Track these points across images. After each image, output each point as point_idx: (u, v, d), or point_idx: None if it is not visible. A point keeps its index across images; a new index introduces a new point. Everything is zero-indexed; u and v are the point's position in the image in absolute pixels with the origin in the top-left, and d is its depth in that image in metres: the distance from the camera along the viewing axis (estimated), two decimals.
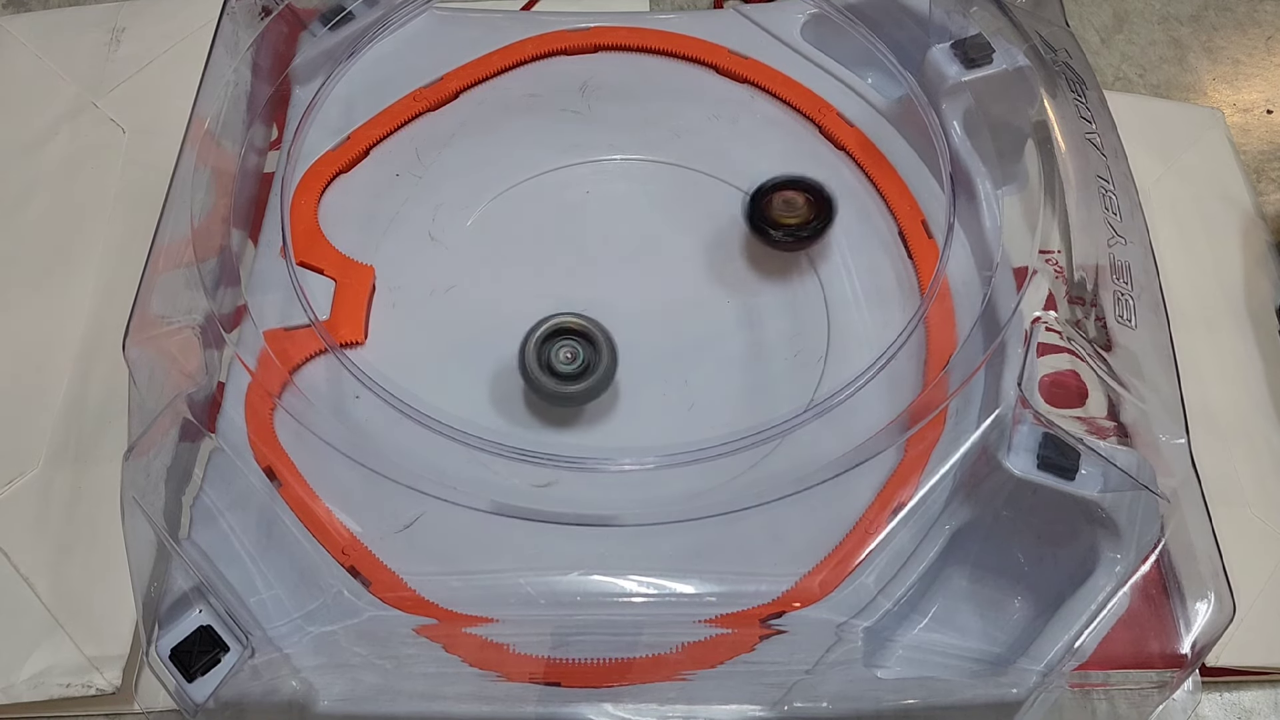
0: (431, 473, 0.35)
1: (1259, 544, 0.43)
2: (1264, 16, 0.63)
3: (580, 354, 0.36)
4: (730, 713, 0.33)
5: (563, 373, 0.36)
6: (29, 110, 0.53)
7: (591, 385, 0.36)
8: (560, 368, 0.36)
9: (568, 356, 0.36)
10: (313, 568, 0.34)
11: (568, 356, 0.36)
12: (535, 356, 0.36)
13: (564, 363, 0.36)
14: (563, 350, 0.36)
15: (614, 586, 0.34)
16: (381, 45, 0.46)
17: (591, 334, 0.36)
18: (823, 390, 0.39)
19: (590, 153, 0.45)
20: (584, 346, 0.36)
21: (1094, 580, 0.32)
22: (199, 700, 0.31)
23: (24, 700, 0.38)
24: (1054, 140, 0.40)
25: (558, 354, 0.36)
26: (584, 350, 0.36)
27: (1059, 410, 0.40)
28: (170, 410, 0.35)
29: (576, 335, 0.36)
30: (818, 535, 0.35)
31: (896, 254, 0.42)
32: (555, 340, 0.36)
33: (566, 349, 0.36)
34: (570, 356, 0.36)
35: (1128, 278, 0.38)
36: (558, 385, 0.36)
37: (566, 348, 0.36)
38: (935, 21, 0.44)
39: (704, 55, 0.47)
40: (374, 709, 0.32)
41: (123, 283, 0.46)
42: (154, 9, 0.56)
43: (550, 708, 0.33)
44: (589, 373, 0.36)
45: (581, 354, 0.36)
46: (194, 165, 0.39)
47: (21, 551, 0.41)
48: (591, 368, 0.36)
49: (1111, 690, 0.34)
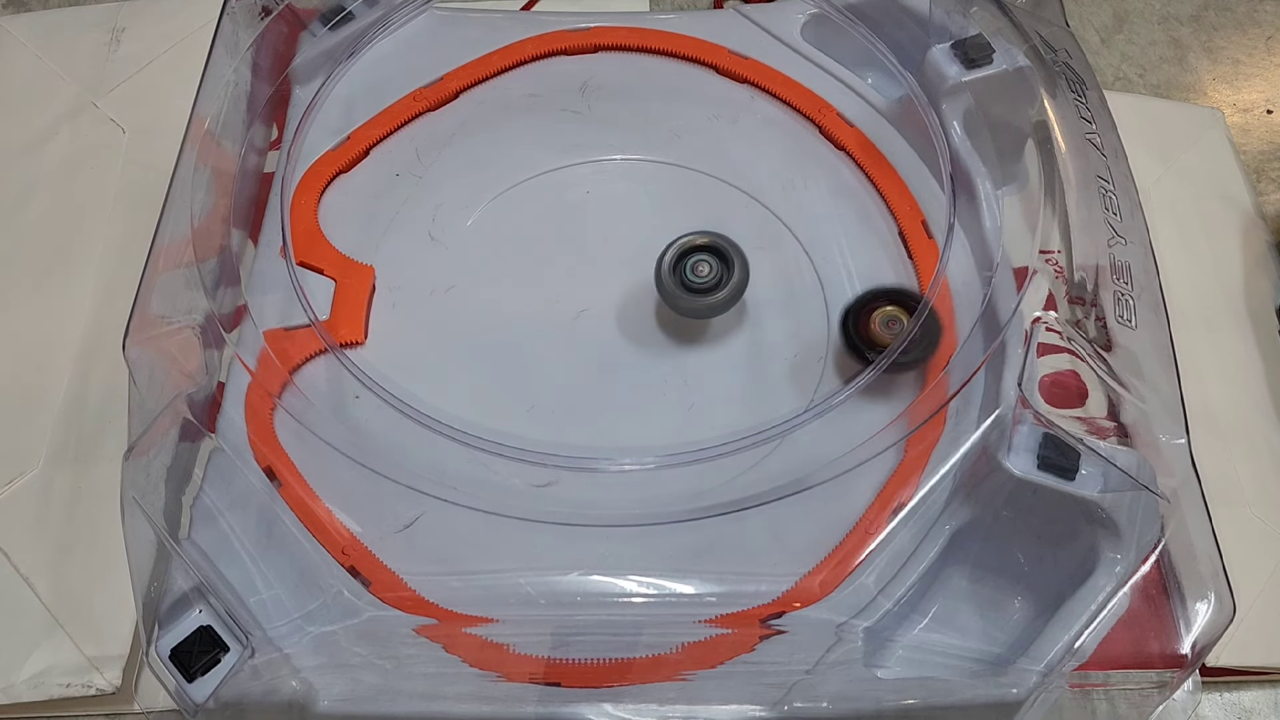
0: (431, 473, 0.35)
1: (1259, 544, 0.43)
2: (1264, 16, 0.63)
3: (713, 268, 0.38)
4: (730, 713, 0.33)
5: (697, 286, 0.38)
6: (29, 110, 0.53)
7: (725, 296, 0.37)
8: (694, 282, 0.38)
9: (704, 271, 0.38)
10: (313, 568, 0.34)
11: (704, 271, 0.38)
12: (670, 273, 0.38)
13: (699, 277, 0.38)
14: (699, 265, 0.38)
15: (614, 586, 0.34)
16: (381, 45, 0.46)
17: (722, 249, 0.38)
18: (823, 390, 0.39)
19: (590, 153, 0.45)
20: (716, 262, 0.38)
21: (1094, 580, 0.32)
22: (199, 700, 0.31)
23: (24, 700, 0.38)
24: (1054, 140, 0.40)
25: (694, 269, 0.38)
26: (716, 265, 0.38)
27: (1059, 410, 0.40)
28: (170, 410, 0.35)
29: (708, 251, 0.38)
30: (818, 535, 0.35)
31: (896, 254, 0.42)
32: (689, 257, 0.38)
33: (703, 264, 0.38)
34: (706, 271, 0.38)
35: (1128, 278, 0.38)
36: (694, 299, 0.38)
37: (702, 262, 0.38)
38: (935, 21, 0.44)
39: (704, 55, 0.47)
40: (374, 709, 0.32)
41: (123, 283, 0.46)
42: (154, 9, 0.56)
43: (550, 708, 0.33)
44: (721, 285, 0.38)
45: (714, 268, 0.38)
46: (194, 165, 0.39)
47: (21, 551, 0.41)
48: (723, 281, 0.38)
49: (1111, 690, 0.34)
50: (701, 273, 0.38)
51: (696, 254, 0.38)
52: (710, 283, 0.38)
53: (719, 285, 0.38)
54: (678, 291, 0.38)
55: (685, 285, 0.38)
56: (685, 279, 0.38)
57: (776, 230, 0.43)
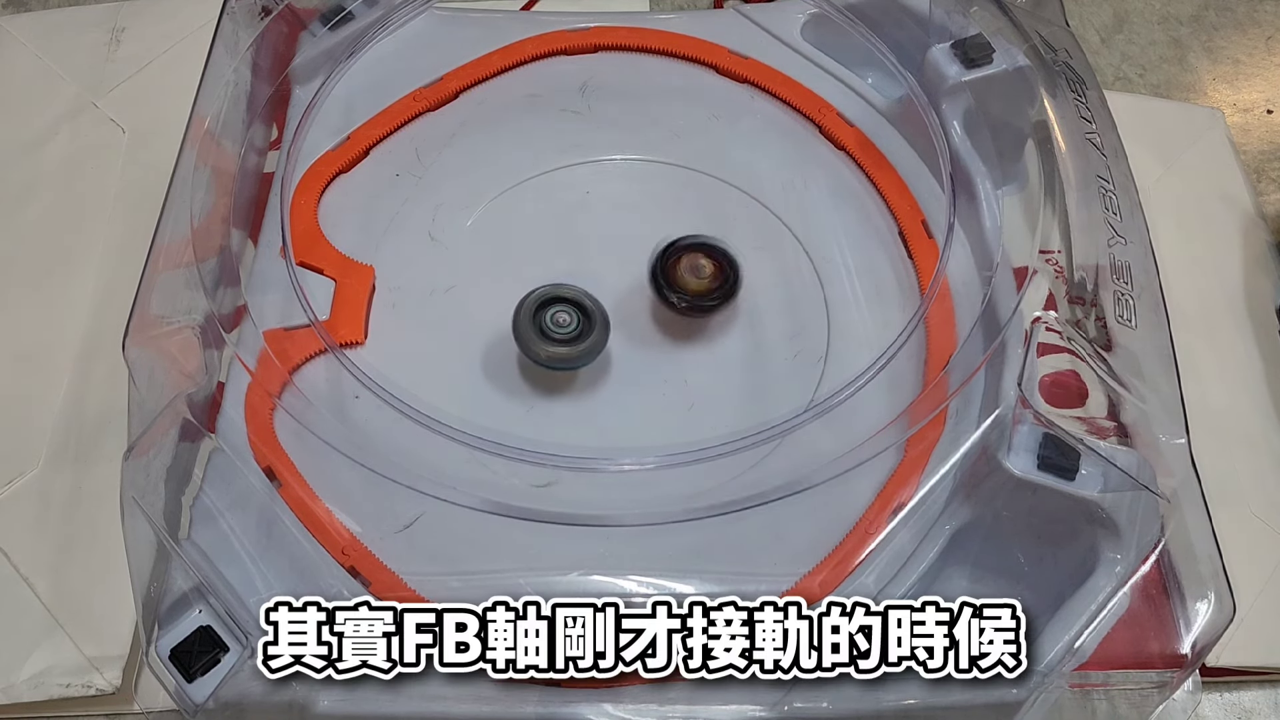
0: (431, 473, 0.35)
1: (1259, 544, 0.43)
2: (1264, 16, 0.63)
3: (574, 319, 0.37)
4: (730, 713, 0.33)
5: (557, 337, 0.37)
6: (29, 110, 0.53)
7: (586, 349, 0.37)
8: (555, 332, 0.37)
9: (563, 320, 0.37)
10: (313, 568, 0.34)
11: (563, 320, 0.37)
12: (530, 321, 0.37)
13: (558, 327, 0.37)
14: (558, 315, 0.37)
15: (614, 586, 0.34)
16: (381, 45, 0.46)
17: (582, 302, 0.38)
18: (823, 390, 0.39)
19: (590, 153, 0.45)
20: (576, 313, 0.37)
21: (1094, 580, 0.32)
22: (199, 700, 0.31)
23: (24, 700, 0.38)
24: (1054, 140, 0.40)
25: (553, 319, 0.37)
26: (577, 316, 0.37)
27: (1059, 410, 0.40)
28: (170, 410, 0.35)
29: (568, 303, 0.38)
30: (818, 535, 0.35)
31: (896, 254, 0.42)
32: (549, 307, 0.37)
33: (562, 313, 0.37)
34: (565, 321, 0.37)
35: (1128, 278, 0.38)
36: (553, 349, 0.37)
37: (562, 312, 0.37)
38: (935, 21, 0.44)
39: (704, 55, 0.47)
40: (374, 709, 0.32)
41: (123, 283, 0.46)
42: (154, 9, 0.56)
43: (550, 708, 0.33)
44: (582, 338, 0.37)
45: (575, 319, 0.37)
46: (194, 165, 0.39)
47: (21, 551, 0.41)
48: (584, 334, 0.37)
49: (1111, 690, 0.34)
50: (561, 322, 0.37)
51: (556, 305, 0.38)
52: (570, 334, 0.37)
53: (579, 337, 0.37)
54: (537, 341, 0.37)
55: (544, 334, 0.37)
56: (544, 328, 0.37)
57: (776, 230, 0.43)
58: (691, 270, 0.38)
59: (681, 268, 0.38)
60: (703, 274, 0.38)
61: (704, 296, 0.38)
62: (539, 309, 0.37)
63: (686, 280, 0.38)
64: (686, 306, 0.38)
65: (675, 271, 0.38)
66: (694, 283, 0.38)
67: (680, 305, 0.38)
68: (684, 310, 0.39)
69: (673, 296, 0.38)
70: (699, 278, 0.38)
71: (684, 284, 0.38)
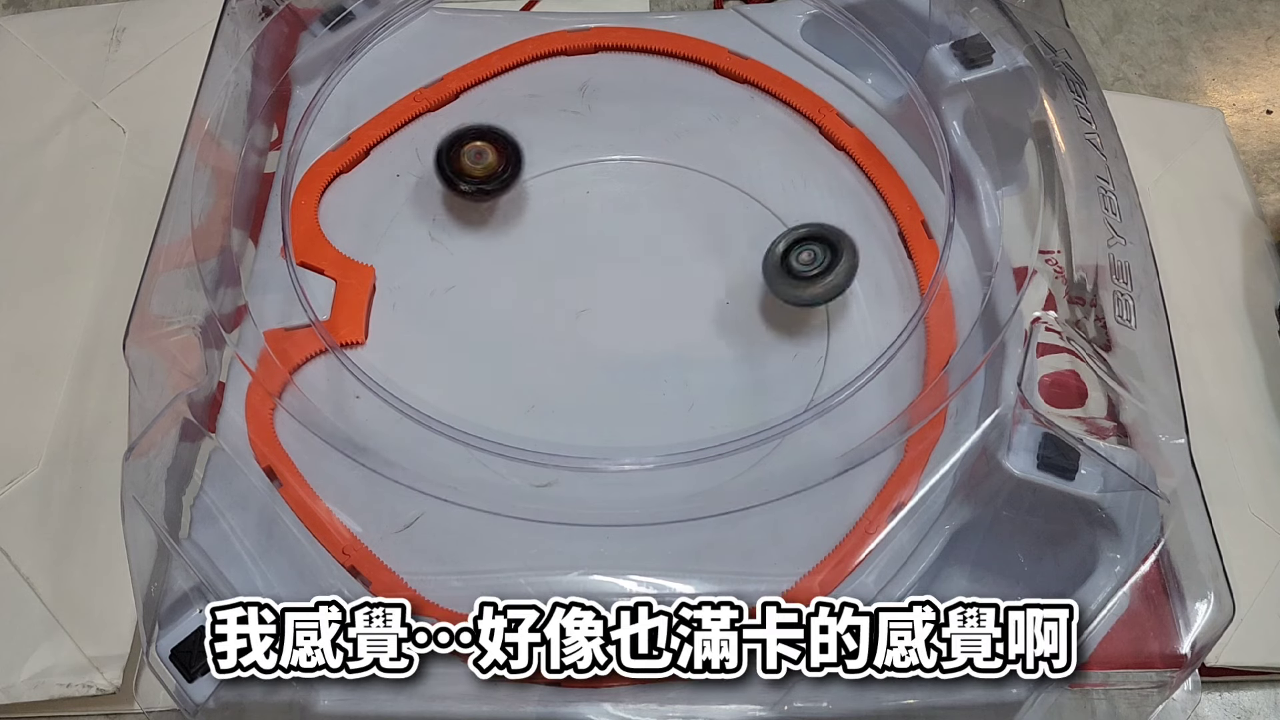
0: (431, 473, 0.35)
1: (1259, 544, 0.43)
2: (1264, 16, 0.63)
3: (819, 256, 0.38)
4: (730, 712, 0.33)
5: (802, 274, 0.38)
6: (29, 110, 0.53)
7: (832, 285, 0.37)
8: (800, 270, 0.38)
9: (807, 259, 0.38)
10: (313, 568, 0.34)
11: (807, 259, 0.38)
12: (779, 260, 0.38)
13: (804, 265, 0.38)
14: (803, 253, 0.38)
15: (614, 586, 0.34)
16: (382, 45, 0.46)
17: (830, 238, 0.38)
18: (823, 390, 0.39)
19: (590, 153, 0.45)
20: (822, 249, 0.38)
21: (1094, 580, 0.32)
22: (199, 700, 0.31)
23: (24, 700, 0.38)
24: (1054, 140, 0.40)
25: (798, 256, 0.38)
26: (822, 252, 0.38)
27: (1059, 410, 0.40)
28: (170, 410, 0.35)
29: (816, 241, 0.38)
30: (818, 535, 0.35)
31: (896, 254, 0.42)
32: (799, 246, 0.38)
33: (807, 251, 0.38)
34: (810, 259, 0.38)
35: (1128, 278, 0.38)
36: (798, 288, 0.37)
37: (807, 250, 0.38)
38: (935, 21, 0.44)
39: (704, 55, 0.47)
40: (374, 709, 0.32)
41: (123, 283, 0.46)
42: (154, 9, 0.56)
43: (550, 708, 0.33)
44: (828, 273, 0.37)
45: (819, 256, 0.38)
46: (194, 165, 0.39)
47: (21, 551, 0.41)
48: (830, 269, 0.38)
49: (1111, 690, 0.34)
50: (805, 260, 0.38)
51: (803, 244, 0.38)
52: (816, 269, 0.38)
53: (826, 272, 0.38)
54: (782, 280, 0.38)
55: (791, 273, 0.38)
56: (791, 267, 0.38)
57: (777, 230, 0.43)
58: (474, 157, 0.41)
59: (465, 155, 0.41)
60: (485, 160, 0.41)
61: (487, 180, 0.41)
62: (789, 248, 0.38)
63: (470, 167, 0.41)
64: (473, 191, 0.41)
65: (459, 159, 0.41)
66: (477, 169, 0.41)
67: (468, 191, 0.41)
68: (471, 195, 0.41)
69: (461, 183, 0.40)
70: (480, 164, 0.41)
71: (468, 170, 0.41)
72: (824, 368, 0.39)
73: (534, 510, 0.35)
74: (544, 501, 0.36)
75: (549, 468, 0.35)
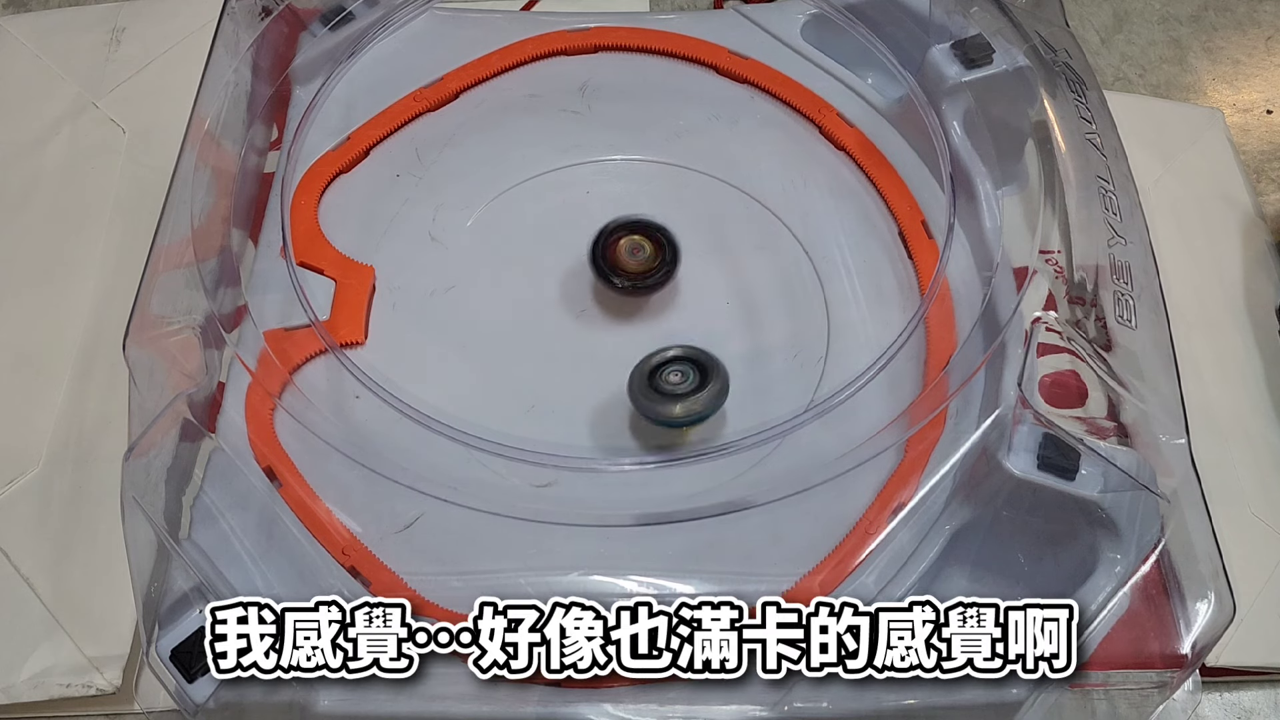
0: (431, 473, 0.35)
1: (1259, 544, 0.43)
2: (1264, 16, 0.63)
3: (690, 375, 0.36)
4: (730, 712, 0.33)
5: (670, 392, 0.36)
6: (29, 110, 0.53)
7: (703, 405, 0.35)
8: (667, 388, 0.36)
9: (676, 379, 0.36)
10: (313, 568, 0.34)
11: (676, 379, 0.36)
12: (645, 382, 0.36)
13: (672, 384, 0.36)
14: (671, 374, 0.36)
15: (614, 586, 0.34)
16: (382, 45, 0.46)
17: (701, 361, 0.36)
18: (823, 390, 0.39)
19: (590, 153, 0.45)
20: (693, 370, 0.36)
21: (1094, 580, 0.32)
22: (199, 700, 0.31)
23: (24, 700, 0.38)
24: (1054, 140, 0.40)
25: (667, 377, 0.36)
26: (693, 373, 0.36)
27: (1059, 410, 0.40)
28: (170, 410, 0.35)
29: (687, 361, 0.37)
30: (818, 535, 0.35)
31: (896, 254, 0.42)
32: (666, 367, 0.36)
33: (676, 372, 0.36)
34: (679, 379, 0.36)
35: (1128, 278, 0.38)
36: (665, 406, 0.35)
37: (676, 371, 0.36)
38: (935, 21, 0.44)
39: (704, 55, 0.47)
40: (374, 709, 0.32)
41: (123, 283, 0.46)
42: (154, 9, 0.56)
43: (550, 708, 0.33)
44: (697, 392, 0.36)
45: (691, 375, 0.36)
46: (194, 165, 0.39)
47: (21, 551, 0.41)
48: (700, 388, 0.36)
49: (1111, 690, 0.34)
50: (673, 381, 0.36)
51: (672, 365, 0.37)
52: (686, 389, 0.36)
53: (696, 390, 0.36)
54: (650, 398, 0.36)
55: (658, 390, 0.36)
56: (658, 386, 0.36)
57: (776, 230, 0.43)
58: (631, 251, 0.39)
59: (621, 249, 0.39)
60: (642, 254, 0.39)
61: (644, 276, 0.39)
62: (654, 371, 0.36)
63: (626, 261, 0.39)
64: (629, 288, 0.39)
65: (615, 253, 0.39)
66: (633, 264, 0.39)
67: (622, 286, 0.39)
68: (625, 291, 0.39)
69: (615, 279, 0.39)
70: (638, 258, 0.39)
71: (624, 265, 0.39)
72: (824, 368, 0.39)
73: (534, 510, 0.35)
74: (544, 501, 0.36)
75: (549, 468, 0.35)
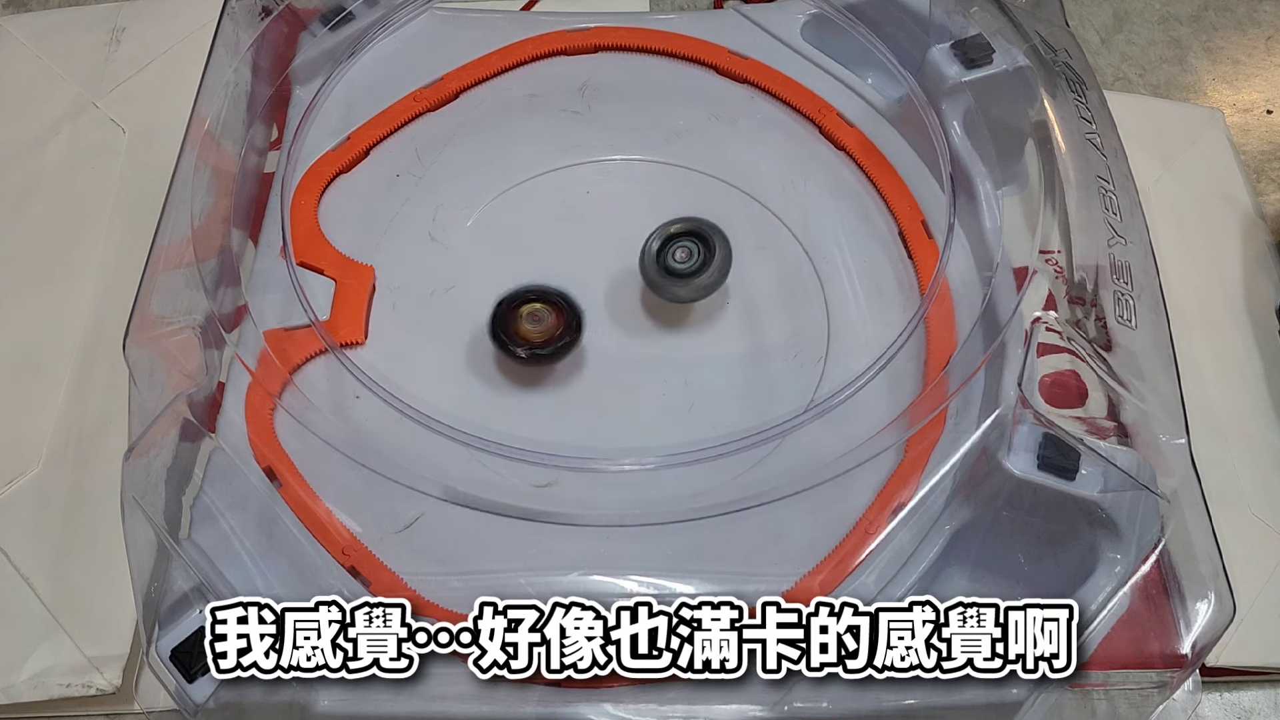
0: (431, 473, 0.35)
1: (1259, 544, 0.43)
2: (1264, 16, 0.63)
3: (694, 252, 0.38)
4: (730, 712, 0.33)
5: (679, 271, 0.38)
6: (29, 110, 0.53)
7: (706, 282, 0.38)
8: (676, 266, 0.38)
9: (683, 256, 0.38)
10: (313, 568, 0.34)
11: (683, 256, 0.38)
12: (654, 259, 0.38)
13: (679, 262, 0.38)
14: (678, 250, 0.38)
15: (614, 586, 0.34)
16: (381, 45, 0.46)
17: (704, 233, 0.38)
18: (823, 390, 0.39)
19: (590, 153, 0.45)
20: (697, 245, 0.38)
21: (1094, 580, 0.32)
22: (199, 700, 0.31)
23: (24, 700, 0.38)
24: (1054, 140, 0.40)
25: (674, 254, 0.38)
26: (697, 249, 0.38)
27: (1059, 410, 0.40)
28: (170, 410, 0.35)
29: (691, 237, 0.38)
30: (818, 535, 0.35)
31: (896, 254, 0.42)
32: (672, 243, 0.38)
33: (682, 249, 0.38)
34: (685, 256, 0.38)
35: (1128, 278, 0.38)
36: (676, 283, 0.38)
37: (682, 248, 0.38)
38: (935, 21, 0.44)
39: (704, 55, 0.47)
40: (374, 709, 0.32)
41: (123, 283, 0.46)
42: (154, 9, 0.56)
43: (550, 708, 0.33)
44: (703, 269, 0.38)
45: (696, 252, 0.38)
46: (194, 165, 0.39)
47: (21, 551, 0.41)
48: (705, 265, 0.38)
49: (1111, 690, 0.34)
50: (681, 258, 0.38)
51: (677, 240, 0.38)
52: (692, 267, 0.38)
53: (701, 269, 0.38)
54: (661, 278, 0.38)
55: (668, 270, 0.38)
56: (668, 265, 0.38)
57: (776, 230, 0.43)
58: (532, 319, 0.38)
59: (522, 317, 0.37)
60: (543, 322, 0.38)
61: (543, 345, 0.37)
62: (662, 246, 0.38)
63: (527, 330, 0.37)
64: (528, 357, 0.37)
65: (516, 322, 0.37)
66: (534, 331, 0.37)
67: (523, 357, 0.37)
68: (525, 360, 0.37)
69: (515, 348, 0.37)
70: (539, 326, 0.37)
71: (525, 334, 0.37)
72: (824, 368, 0.39)
73: (534, 510, 0.35)
74: (544, 501, 0.36)
75: (549, 468, 0.35)
